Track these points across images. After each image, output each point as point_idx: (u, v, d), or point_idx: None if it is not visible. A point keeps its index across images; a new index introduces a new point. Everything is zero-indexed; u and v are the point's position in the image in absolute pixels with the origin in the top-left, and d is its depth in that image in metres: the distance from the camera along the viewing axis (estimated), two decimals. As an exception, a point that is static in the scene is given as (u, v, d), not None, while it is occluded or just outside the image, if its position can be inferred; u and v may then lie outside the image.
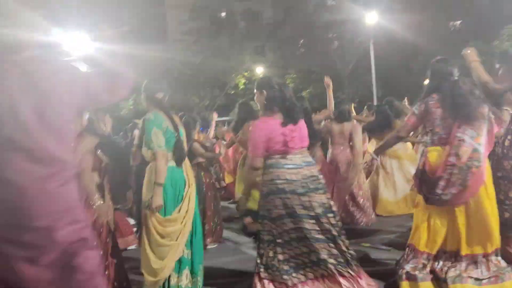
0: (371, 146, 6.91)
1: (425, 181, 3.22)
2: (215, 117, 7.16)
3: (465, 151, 3.07)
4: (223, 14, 29.85)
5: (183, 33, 26.59)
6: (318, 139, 5.27)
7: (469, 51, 3.62)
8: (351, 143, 5.76)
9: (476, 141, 3.09)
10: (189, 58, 25.13)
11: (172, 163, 3.52)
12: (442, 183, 3.08)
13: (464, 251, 3.21)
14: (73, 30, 14.91)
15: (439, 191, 3.10)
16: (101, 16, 20.00)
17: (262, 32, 26.99)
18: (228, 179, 8.72)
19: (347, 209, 5.81)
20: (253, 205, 3.64)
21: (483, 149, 3.12)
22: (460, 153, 3.06)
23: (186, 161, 3.64)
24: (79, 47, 14.71)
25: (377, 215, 6.11)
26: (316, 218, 3.28)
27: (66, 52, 15.69)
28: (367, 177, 6.52)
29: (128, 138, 6.94)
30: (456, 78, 3.28)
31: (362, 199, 5.89)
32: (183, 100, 22.22)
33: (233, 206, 8.27)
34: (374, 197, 6.38)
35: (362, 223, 5.80)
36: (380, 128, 6.39)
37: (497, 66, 3.88)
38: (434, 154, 3.20)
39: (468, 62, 3.58)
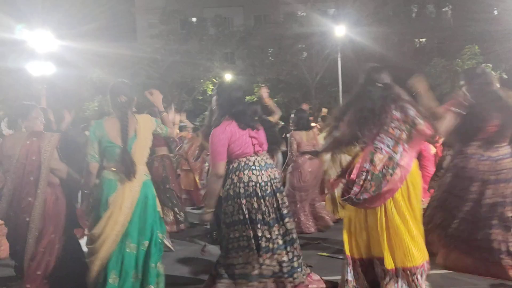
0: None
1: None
2: (183, 115, 7.17)
3: (380, 158, 3.12)
4: (194, 19, 29.74)
5: (152, 36, 26.29)
6: (279, 144, 5.32)
7: (416, 80, 3.66)
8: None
9: (394, 149, 3.14)
10: (157, 61, 24.91)
11: (107, 175, 3.38)
12: (355, 188, 3.13)
13: (386, 262, 3.16)
14: (38, 27, 14.55)
15: (352, 196, 3.14)
16: (67, 13, 19.57)
17: (232, 39, 27.04)
18: (190, 185, 8.65)
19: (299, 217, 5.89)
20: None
21: (400, 157, 3.14)
22: (375, 160, 3.12)
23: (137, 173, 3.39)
24: (44, 45, 14.43)
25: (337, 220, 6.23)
26: (269, 225, 3.32)
27: (31, 50, 15.36)
28: None
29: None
30: (380, 85, 3.30)
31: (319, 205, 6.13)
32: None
33: (196, 212, 8.22)
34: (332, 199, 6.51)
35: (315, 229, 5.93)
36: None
37: (462, 83, 4.02)
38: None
39: (416, 90, 3.62)
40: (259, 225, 3.29)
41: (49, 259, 3.56)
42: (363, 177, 3.11)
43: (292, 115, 6.05)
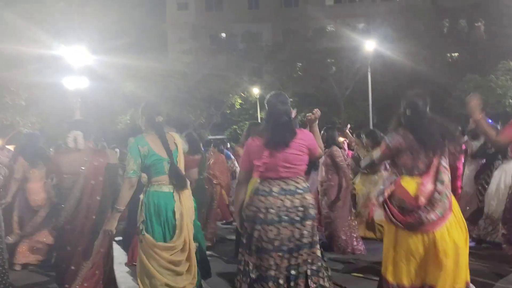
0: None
1: (402, 209, 3.18)
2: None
3: (448, 178, 3.19)
4: (223, 34, 30.20)
5: (182, 51, 26.79)
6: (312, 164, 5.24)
7: (473, 102, 3.26)
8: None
9: (448, 171, 3.23)
10: (187, 76, 25.31)
11: (159, 188, 3.44)
12: (424, 210, 3.09)
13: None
14: (74, 43, 15.06)
15: (423, 217, 3.09)
16: (101, 29, 20.13)
17: (260, 54, 27.27)
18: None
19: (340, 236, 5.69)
20: None
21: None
22: (445, 181, 3.16)
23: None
24: (79, 60, 14.90)
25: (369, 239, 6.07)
26: (270, 253, 3.09)
27: (67, 64, 15.83)
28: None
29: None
30: (427, 111, 3.32)
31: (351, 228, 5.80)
32: (179, 117, 22.27)
33: (226, 227, 8.24)
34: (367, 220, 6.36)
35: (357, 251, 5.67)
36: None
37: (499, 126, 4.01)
38: (412, 183, 3.20)
39: (473, 116, 3.33)
40: (261, 253, 3.09)
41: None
42: (435, 197, 3.11)
43: (323, 132, 5.79)
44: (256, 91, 27.35)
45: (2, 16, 17.76)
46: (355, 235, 5.72)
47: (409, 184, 3.21)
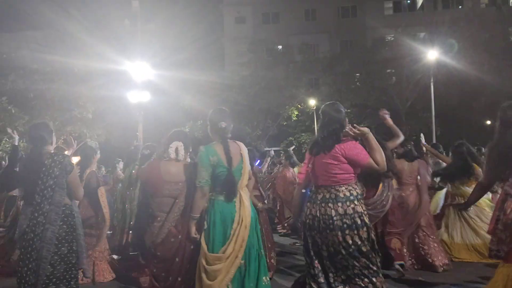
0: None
1: None
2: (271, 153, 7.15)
3: (509, 205, 2.90)
4: (280, 47, 30.38)
5: (240, 64, 27.19)
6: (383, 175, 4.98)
7: None
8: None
9: None
10: (245, 88, 25.62)
11: (221, 198, 3.46)
12: (493, 239, 2.90)
13: None
14: (137, 59, 15.73)
15: (492, 248, 2.89)
16: (161, 45, 20.90)
17: (317, 66, 27.12)
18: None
19: (419, 253, 5.39)
20: None
21: None
22: (505, 208, 2.90)
23: (243, 196, 3.49)
24: (141, 74, 15.53)
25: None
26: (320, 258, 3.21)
27: (130, 79, 16.56)
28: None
29: None
30: None
31: (434, 242, 5.46)
32: (236, 129, 22.53)
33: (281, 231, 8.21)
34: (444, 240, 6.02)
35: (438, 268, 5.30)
36: (461, 173, 5.93)
37: None
38: None
39: None
40: (309, 259, 3.25)
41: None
42: (498, 226, 2.91)
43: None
44: (312, 102, 27.21)
45: (73, 34, 18.90)
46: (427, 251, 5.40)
47: None
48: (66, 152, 4.14)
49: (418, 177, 5.52)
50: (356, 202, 3.17)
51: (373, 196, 4.79)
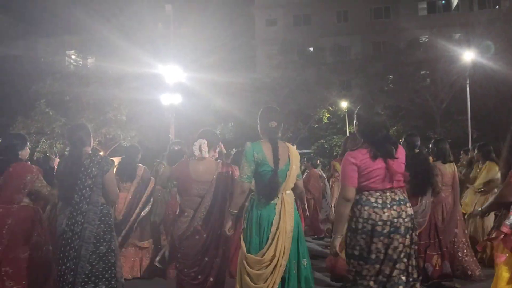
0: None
1: None
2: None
3: None
4: (311, 49, 30.22)
5: (271, 66, 27.19)
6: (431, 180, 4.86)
7: None
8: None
9: None
10: (275, 91, 25.62)
11: (261, 198, 3.41)
12: None
13: None
14: (170, 62, 15.99)
15: None
16: (193, 48, 21.14)
17: (349, 68, 26.84)
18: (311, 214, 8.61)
19: (456, 259, 5.23)
20: None
21: None
22: None
23: (286, 200, 3.41)
24: (173, 77, 15.77)
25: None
26: (378, 264, 3.06)
27: (163, 82, 16.87)
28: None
29: None
30: None
31: (467, 249, 5.31)
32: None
33: (317, 242, 8.13)
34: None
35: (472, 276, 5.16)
36: None
37: None
38: None
39: None
40: (368, 265, 3.07)
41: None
42: None
43: (431, 145, 5.48)
44: (344, 104, 26.94)
45: (108, 38, 19.37)
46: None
47: None
48: (101, 153, 4.26)
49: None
50: (409, 203, 3.19)
51: (416, 205, 4.68)
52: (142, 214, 5.35)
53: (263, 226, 3.35)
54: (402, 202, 3.11)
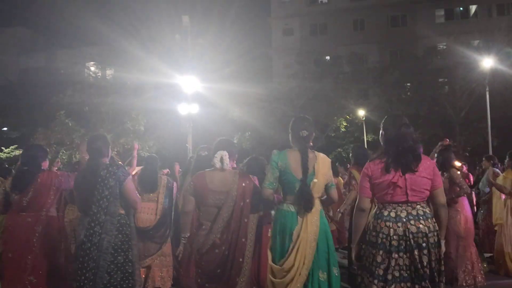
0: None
1: None
2: None
3: None
4: (328, 58, 30.19)
5: (288, 76, 27.24)
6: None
7: None
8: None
9: None
10: (292, 100, 25.61)
11: (285, 206, 3.42)
12: None
13: None
14: (188, 73, 16.13)
15: None
16: (211, 59, 21.31)
17: (367, 76, 26.71)
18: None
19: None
20: None
21: None
22: None
23: (312, 209, 3.36)
24: (191, 87, 15.90)
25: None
26: (390, 283, 2.96)
27: (180, 92, 17.01)
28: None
29: None
30: None
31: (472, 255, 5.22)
32: (284, 141, 22.52)
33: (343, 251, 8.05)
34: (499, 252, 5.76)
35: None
36: None
37: None
38: None
39: None
40: (375, 281, 2.99)
41: None
42: None
43: (437, 155, 5.37)
44: (362, 113, 26.78)
45: (127, 49, 19.66)
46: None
47: None
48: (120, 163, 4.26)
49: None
50: (433, 218, 3.06)
51: None
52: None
53: (286, 235, 3.34)
54: (422, 217, 3.00)
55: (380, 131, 3.26)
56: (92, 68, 23.74)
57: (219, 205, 3.62)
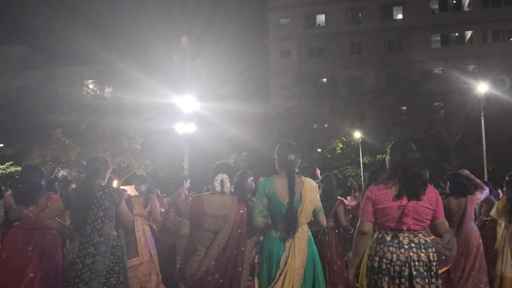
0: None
1: None
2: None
3: None
4: (325, 80, 30.46)
5: (285, 97, 27.43)
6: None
7: None
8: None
9: None
10: (289, 121, 25.71)
11: (272, 233, 3.40)
12: None
13: None
14: (185, 92, 16.21)
15: None
16: (208, 78, 21.46)
17: (363, 99, 26.92)
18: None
19: None
20: None
21: None
22: None
23: (297, 235, 3.33)
24: (188, 107, 15.95)
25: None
26: None
27: (177, 111, 17.01)
28: None
29: None
30: None
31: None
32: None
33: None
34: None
35: None
36: None
37: None
38: None
39: None
40: None
41: None
42: None
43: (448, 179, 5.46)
44: (357, 135, 26.90)
45: (124, 69, 19.78)
46: None
47: None
48: (115, 181, 4.34)
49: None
50: (434, 248, 3.05)
51: None
52: None
53: (273, 262, 3.31)
54: (423, 246, 2.99)
55: (387, 157, 3.27)
56: (90, 87, 23.81)
57: (215, 230, 3.53)
